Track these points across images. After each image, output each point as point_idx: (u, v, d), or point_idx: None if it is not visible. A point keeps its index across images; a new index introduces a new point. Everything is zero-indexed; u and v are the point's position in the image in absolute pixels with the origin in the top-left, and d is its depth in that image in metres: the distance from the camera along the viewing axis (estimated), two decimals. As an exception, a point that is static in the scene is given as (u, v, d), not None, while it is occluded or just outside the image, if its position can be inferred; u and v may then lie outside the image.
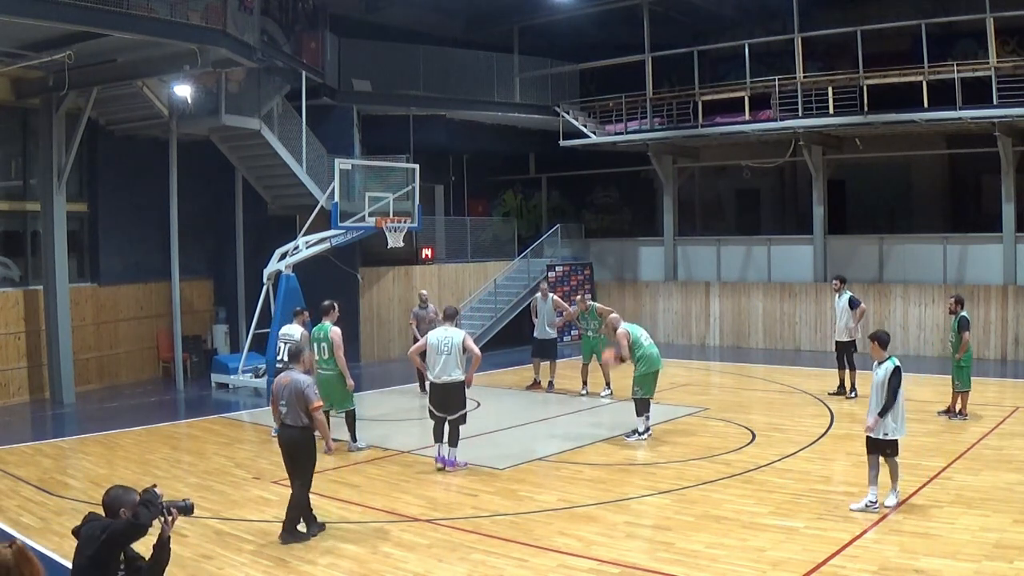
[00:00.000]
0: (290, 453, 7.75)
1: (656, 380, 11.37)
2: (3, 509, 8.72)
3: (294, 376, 7.69)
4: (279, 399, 7.69)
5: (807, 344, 19.71)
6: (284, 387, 7.65)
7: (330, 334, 10.89)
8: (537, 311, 15.32)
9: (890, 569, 6.54)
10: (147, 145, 17.30)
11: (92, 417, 13.94)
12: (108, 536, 4.43)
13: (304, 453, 7.71)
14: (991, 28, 16.37)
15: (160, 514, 4.56)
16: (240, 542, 7.63)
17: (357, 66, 20.12)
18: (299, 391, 7.57)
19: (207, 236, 19.12)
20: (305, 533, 7.69)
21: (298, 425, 7.63)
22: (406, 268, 20.27)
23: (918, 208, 21.21)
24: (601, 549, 7.25)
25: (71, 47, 12.70)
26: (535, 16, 21.89)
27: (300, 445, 7.68)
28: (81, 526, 4.59)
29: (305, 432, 7.67)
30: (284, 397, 7.63)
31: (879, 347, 8.14)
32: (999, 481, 8.73)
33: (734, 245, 22.03)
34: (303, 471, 7.72)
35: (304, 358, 8.04)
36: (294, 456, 7.72)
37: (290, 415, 7.63)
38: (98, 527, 4.49)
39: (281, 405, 7.66)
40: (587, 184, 25.87)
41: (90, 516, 4.66)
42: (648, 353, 11.21)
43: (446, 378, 9.76)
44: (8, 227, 16.08)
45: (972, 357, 11.94)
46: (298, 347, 8.27)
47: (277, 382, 7.81)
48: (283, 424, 7.72)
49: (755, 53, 19.80)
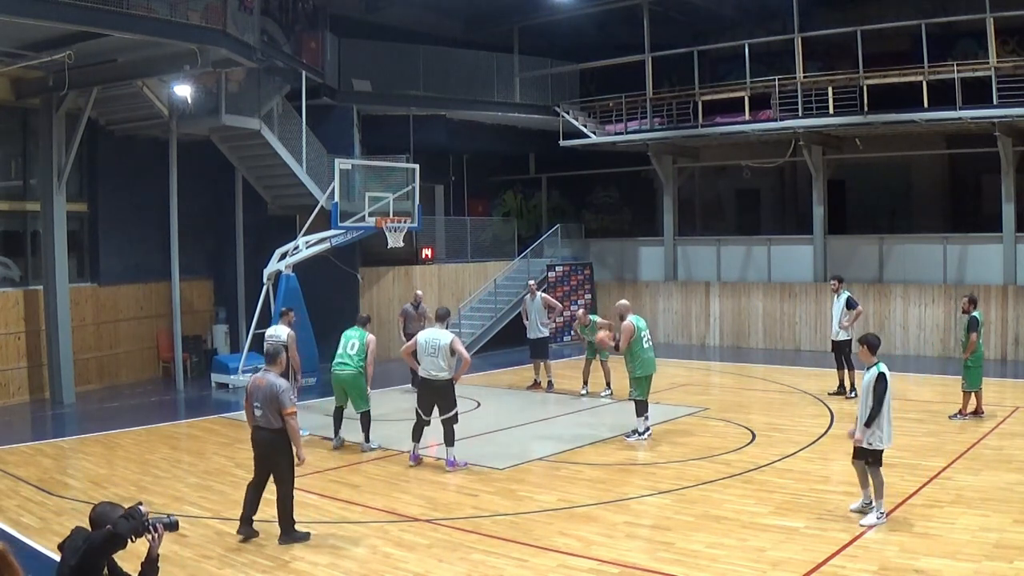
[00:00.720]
0: (263, 455, 7.62)
1: (650, 383, 11.38)
2: (3, 509, 8.72)
3: (270, 379, 7.54)
4: (253, 400, 7.56)
5: (807, 344, 19.71)
6: (259, 388, 7.52)
7: (366, 338, 11.00)
8: (527, 311, 15.33)
9: (890, 569, 6.54)
10: (147, 145, 17.30)
11: (92, 417, 13.95)
12: (88, 546, 4.46)
13: (278, 455, 7.57)
14: (991, 28, 16.37)
15: (143, 529, 4.57)
16: (240, 542, 7.62)
17: (357, 66, 20.12)
18: (274, 395, 7.44)
19: (207, 236, 19.12)
20: (306, 533, 7.66)
21: (271, 427, 7.51)
22: (406, 268, 20.27)
23: (918, 208, 21.21)
24: (601, 549, 7.25)
25: (71, 47, 12.70)
26: (535, 16, 21.89)
27: (273, 447, 7.55)
28: (67, 540, 4.61)
29: (278, 435, 7.54)
30: (259, 399, 7.50)
31: (868, 351, 7.75)
32: (999, 481, 8.73)
33: (734, 245, 22.03)
34: (281, 472, 7.57)
35: (280, 360, 7.84)
36: (267, 458, 7.59)
37: (264, 417, 7.50)
38: (79, 538, 4.53)
39: (256, 407, 7.53)
40: (587, 184, 25.88)
41: (75, 530, 4.68)
42: (645, 358, 11.22)
43: (431, 375, 9.88)
44: (8, 227, 16.08)
45: (982, 357, 11.76)
46: (275, 349, 8.08)
47: (252, 383, 7.66)
48: (256, 426, 7.58)
49: (755, 53, 19.80)
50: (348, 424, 11.16)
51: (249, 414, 7.68)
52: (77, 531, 4.62)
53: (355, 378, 10.82)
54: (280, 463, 7.58)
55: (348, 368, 10.88)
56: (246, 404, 7.73)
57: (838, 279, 14.12)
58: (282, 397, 7.45)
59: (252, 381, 7.70)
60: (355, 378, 10.82)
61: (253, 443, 7.71)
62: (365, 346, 10.91)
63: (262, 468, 7.67)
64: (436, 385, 9.88)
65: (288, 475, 7.60)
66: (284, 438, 7.57)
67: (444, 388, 9.91)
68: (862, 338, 7.99)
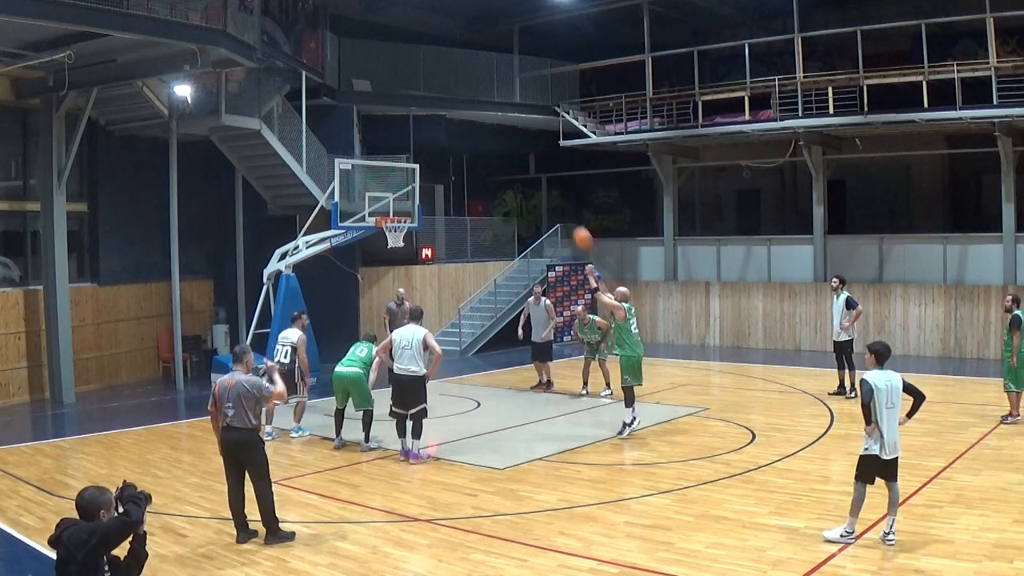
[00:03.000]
0: (237, 457, 7.55)
1: (641, 368, 11.45)
2: (3, 509, 8.72)
3: (239, 377, 7.51)
4: (223, 402, 7.48)
5: (807, 344, 19.70)
6: (228, 389, 7.47)
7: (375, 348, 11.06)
8: (530, 317, 15.22)
9: (890, 569, 6.54)
10: (147, 145, 17.30)
11: (92, 417, 13.95)
12: (100, 539, 4.35)
13: (253, 454, 7.55)
14: (991, 28, 16.37)
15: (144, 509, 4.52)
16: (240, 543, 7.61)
17: (357, 66, 20.14)
18: (247, 392, 7.41)
19: (207, 236, 19.12)
20: (290, 533, 7.63)
21: (245, 427, 7.48)
22: (406, 268, 20.27)
23: (918, 208, 21.22)
24: (601, 549, 7.24)
25: (71, 47, 12.69)
26: (535, 16, 21.89)
27: (247, 446, 7.52)
28: (60, 533, 4.44)
29: (252, 434, 7.54)
30: (230, 399, 7.44)
31: (873, 359, 7.29)
32: (999, 481, 8.73)
33: (734, 245, 22.03)
34: (257, 471, 7.55)
35: (248, 360, 7.74)
36: (241, 459, 7.54)
37: (237, 417, 7.45)
38: (84, 531, 4.38)
39: (227, 407, 7.46)
40: (587, 184, 25.87)
41: (66, 523, 4.52)
42: (634, 340, 11.35)
43: (404, 370, 10.11)
44: (8, 227, 16.08)
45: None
46: (243, 349, 7.94)
47: (220, 386, 7.58)
48: (228, 427, 7.50)
49: (755, 53, 19.81)
50: (349, 424, 11.16)
51: (217, 418, 7.62)
52: (72, 524, 4.47)
53: (359, 376, 10.92)
54: (256, 461, 7.56)
55: (354, 367, 10.99)
56: (213, 409, 7.65)
57: (840, 279, 14.10)
58: (262, 384, 7.50)
59: (219, 384, 7.62)
60: (359, 376, 10.92)
61: (224, 446, 7.62)
62: (374, 355, 11.06)
63: (237, 470, 7.60)
64: (409, 380, 10.13)
65: (265, 472, 7.59)
66: (258, 437, 7.63)
67: (416, 383, 10.16)
68: (869, 345, 7.57)
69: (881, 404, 7.07)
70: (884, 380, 7.16)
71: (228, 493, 7.68)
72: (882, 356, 7.30)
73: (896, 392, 7.18)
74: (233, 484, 7.64)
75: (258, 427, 7.65)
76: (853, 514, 7.11)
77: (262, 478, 7.56)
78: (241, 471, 7.60)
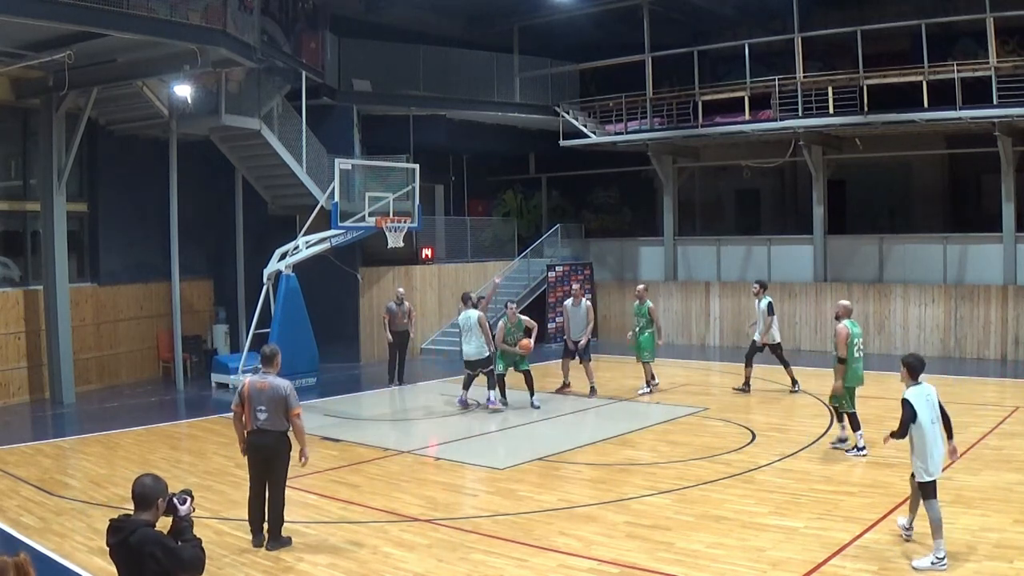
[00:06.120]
0: (266, 458, 7.51)
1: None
2: (3, 509, 8.72)
3: (272, 381, 7.47)
4: (255, 404, 7.42)
5: (807, 344, 19.69)
6: (261, 392, 7.42)
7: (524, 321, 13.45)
8: (570, 317, 14.70)
9: (890, 569, 6.55)
10: (147, 145, 17.30)
11: (92, 417, 13.95)
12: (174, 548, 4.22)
13: (283, 458, 7.55)
14: (991, 28, 16.37)
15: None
16: (240, 542, 7.63)
17: (357, 66, 20.12)
18: (282, 397, 7.40)
19: (207, 236, 19.12)
20: (288, 538, 7.59)
21: (277, 430, 7.46)
22: (406, 268, 20.27)
23: (918, 208, 21.20)
24: (601, 549, 7.25)
25: (71, 47, 12.69)
26: (535, 16, 21.88)
27: (278, 450, 7.50)
28: (128, 537, 4.18)
29: (283, 436, 7.52)
30: (263, 402, 7.39)
31: (907, 373, 7.08)
32: (999, 481, 8.73)
33: (734, 245, 22.02)
34: (279, 475, 7.55)
35: (277, 361, 7.68)
36: (270, 461, 7.51)
37: (269, 420, 7.42)
38: (151, 543, 4.17)
39: (260, 410, 7.40)
40: (587, 184, 25.85)
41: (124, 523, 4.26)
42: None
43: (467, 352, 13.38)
44: (8, 227, 16.07)
45: None
46: (272, 350, 7.80)
47: (251, 386, 7.50)
48: (259, 429, 7.45)
49: (755, 53, 19.79)
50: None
51: (247, 417, 7.52)
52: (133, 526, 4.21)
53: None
54: (282, 465, 7.57)
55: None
56: (244, 408, 7.53)
57: (761, 283, 14.73)
58: (290, 399, 7.43)
59: (251, 384, 7.54)
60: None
61: (252, 447, 7.55)
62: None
63: (263, 472, 7.54)
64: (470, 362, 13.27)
65: (284, 477, 7.61)
66: (287, 440, 7.56)
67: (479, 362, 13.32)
68: (903, 359, 7.28)
69: (926, 422, 6.87)
70: (923, 395, 6.96)
71: (250, 497, 7.64)
72: (915, 370, 7.08)
73: (935, 406, 7.01)
74: (257, 489, 7.58)
75: (287, 431, 7.53)
76: (937, 536, 6.63)
77: (279, 483, 7.56)
78: (267, 474, 7.55)
